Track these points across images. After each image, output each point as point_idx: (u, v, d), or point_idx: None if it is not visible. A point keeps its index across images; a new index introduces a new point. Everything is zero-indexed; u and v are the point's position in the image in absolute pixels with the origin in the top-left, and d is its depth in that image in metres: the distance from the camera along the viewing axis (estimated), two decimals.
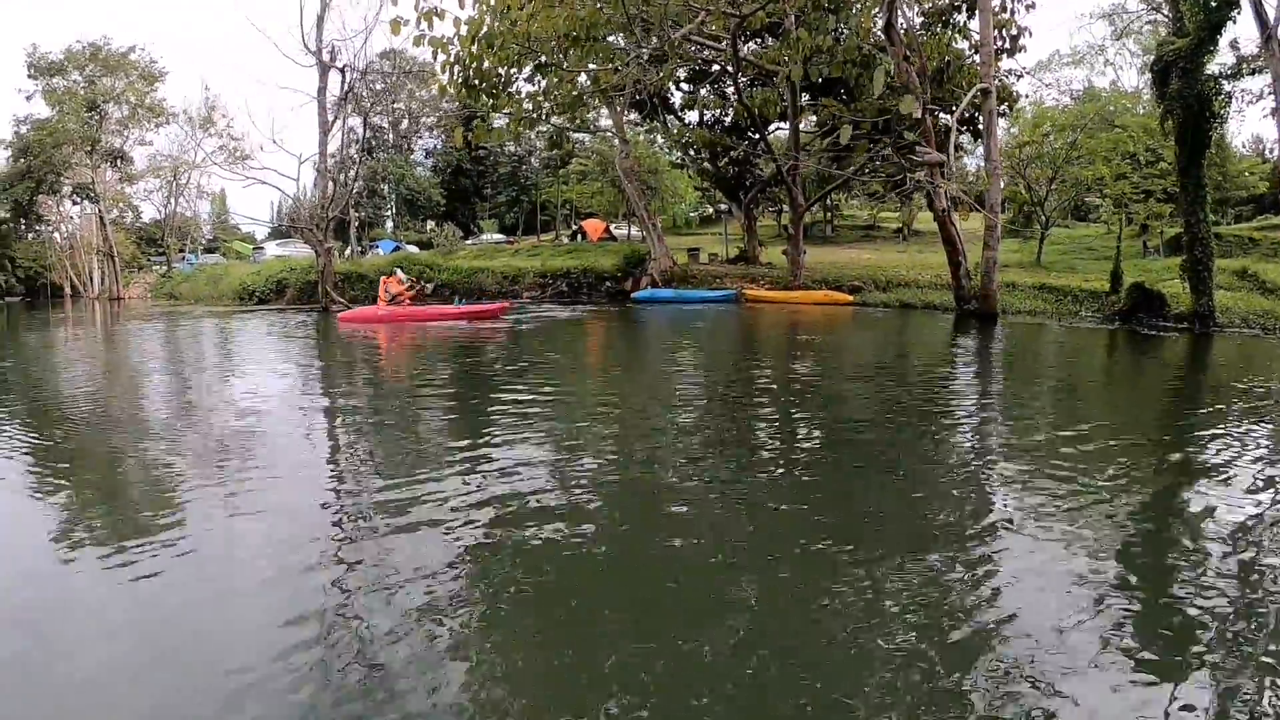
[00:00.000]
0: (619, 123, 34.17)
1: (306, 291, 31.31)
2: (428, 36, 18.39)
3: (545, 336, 18.50)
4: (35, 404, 11.49)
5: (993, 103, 22.37)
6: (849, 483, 6.39)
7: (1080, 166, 32.33)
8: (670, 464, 6.93)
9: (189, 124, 50.58)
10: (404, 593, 4.29)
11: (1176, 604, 4.15)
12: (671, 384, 12.15)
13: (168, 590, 4.44)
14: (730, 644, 3.70)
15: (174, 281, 49.65)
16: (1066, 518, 5.38)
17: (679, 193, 44.85)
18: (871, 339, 18.71)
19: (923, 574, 4.50)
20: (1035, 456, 6.97)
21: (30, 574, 4.80)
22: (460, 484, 6.24)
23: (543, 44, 18.45)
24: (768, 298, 27.49)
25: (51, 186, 56.12)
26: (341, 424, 9.39)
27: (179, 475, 6.86)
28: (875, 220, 55.58)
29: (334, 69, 27.15)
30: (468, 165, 63.67)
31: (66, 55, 54.22)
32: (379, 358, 15.64)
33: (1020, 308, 24.36)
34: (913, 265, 31.52)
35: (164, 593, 4.41)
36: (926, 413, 9.35)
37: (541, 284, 31.62)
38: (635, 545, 5.14)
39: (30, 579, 4.71)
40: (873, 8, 19.71)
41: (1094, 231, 41.97)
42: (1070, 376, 13.47)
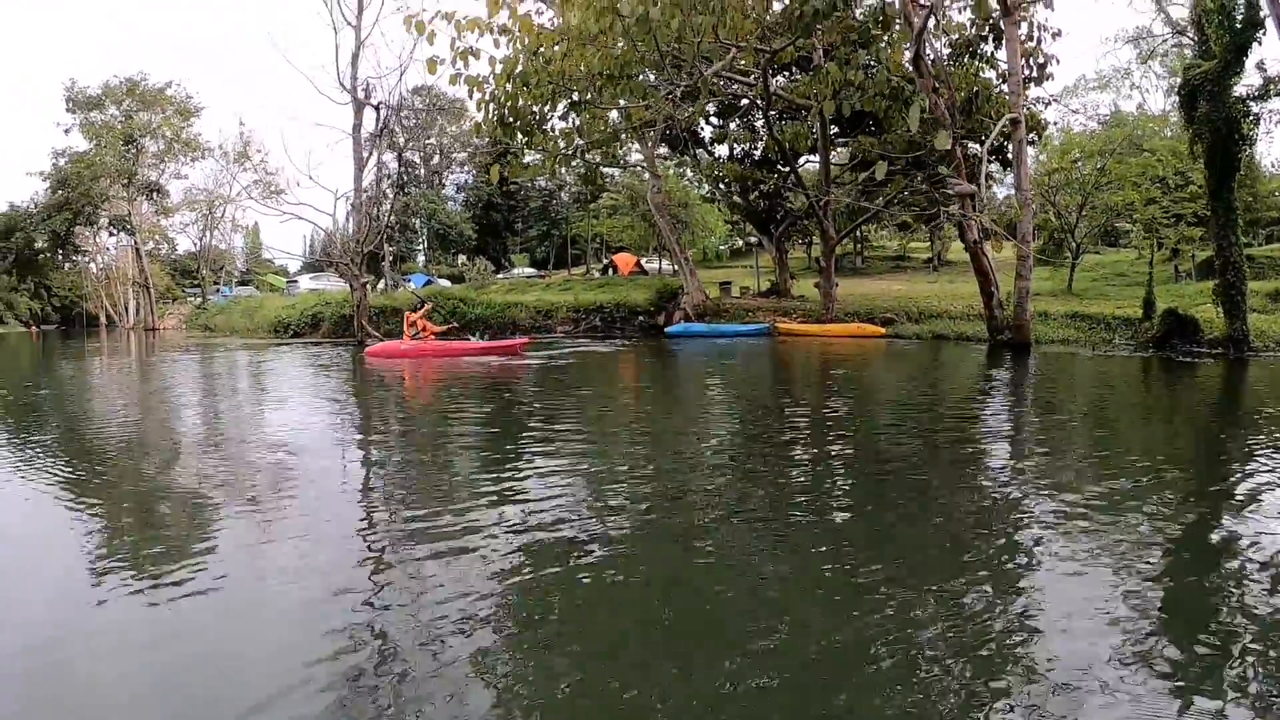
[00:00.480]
0: (650, 158, 34.40)
1: (341, 325, 31.66)
2: (463, 75, 18.76)
3: (580, 371, 18.53)
4: (72, 431, 11.68)
5: (1022, 132, 22.39)
6: (884, 518, 6.31)
7: (1110, 192, 32.24)
8: (704, 498, 6.91)
9: (224, 158, 51.52)
10: (433, 620, 4.30)
11: (1216, 639, 4.06)
12: (707, 419, 12.12)
13: (196, 615, 4.49)
14: (762, 677, 3.68)
15: (209, 313, 50.44)
16: (1105, 553, 5.29)
17: (709, 226, 45.00)
18: (905, 372, 18.59)
19: (958, 610, 4.43)
20: (1072, 490, 6.84)
21: (61, 597, 4.89)
22: (491, 515, 6.27)
23: (577, 82, 18.77)
24: (801, 331, 27.45)
25: (89, 218, 57.30)
26: (373, 455, 9.49)
27: (211, 503, 6.97)
28: (905, 251, 55.60)
29: (369, 106, 27.80)
30: (499, 200, 64.59)
31: (104, 90, 55.58)
32: (412, 392, 15.75)
33: (1053, 337, 24.23)
34: (944, 296, 31.43)
35: (192, 617, 4.46)
36: (961, 447, 9.25)
37: (575, 319, 31.66)
38: (667, 577, 5.11)
39: (60, 602, 4.80)
40: (903, 42, 19.87)
41: (1125, 257, 41.75)
42: (1105, 407, 13.28)
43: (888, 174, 17.48)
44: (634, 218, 44.11)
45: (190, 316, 55.64)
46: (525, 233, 68.54)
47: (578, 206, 56.62)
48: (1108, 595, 4.53)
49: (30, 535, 6.32)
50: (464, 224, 63.16)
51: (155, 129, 55.86)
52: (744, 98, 29.02)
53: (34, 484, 7.84)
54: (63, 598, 4.88)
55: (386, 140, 30.03)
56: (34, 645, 4.19)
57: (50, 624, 4.47)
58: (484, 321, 30.47)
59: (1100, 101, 50.14)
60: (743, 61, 21.97)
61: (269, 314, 38.55)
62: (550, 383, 16.35)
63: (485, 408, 13.09)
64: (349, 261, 28.03)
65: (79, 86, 55.35)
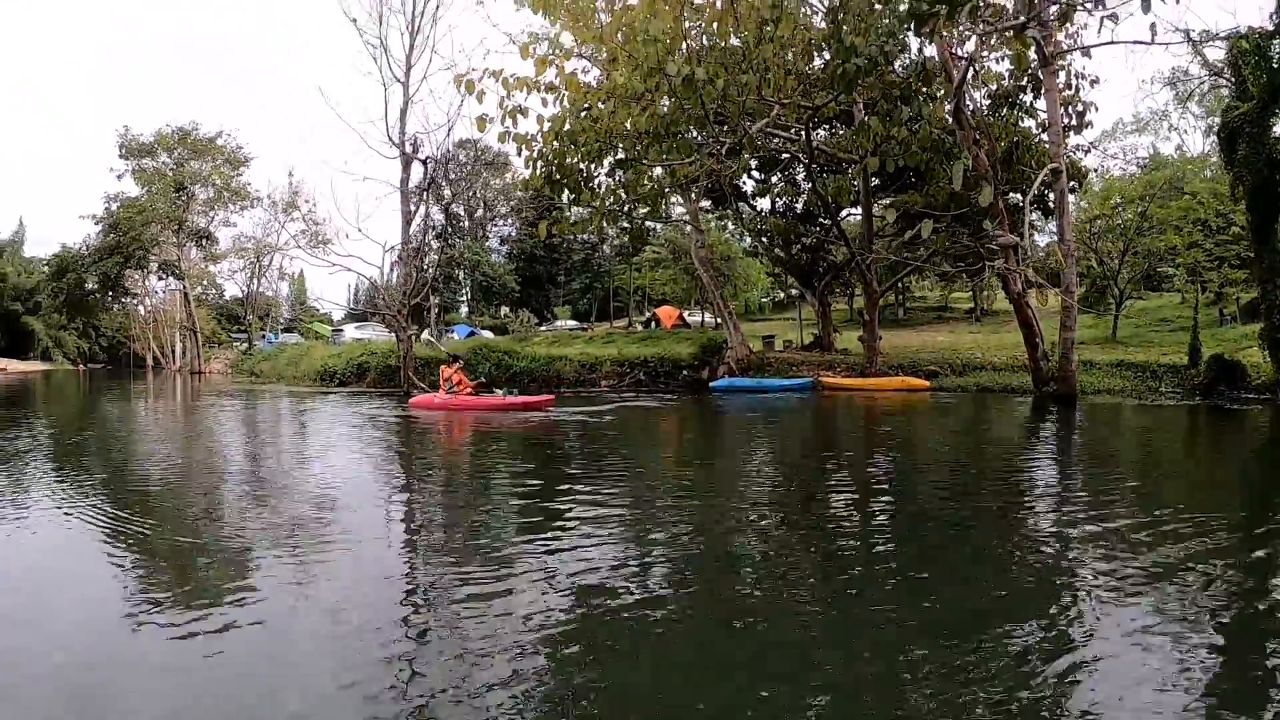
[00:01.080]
0: (694, 212, 34.63)
1: (387, 375, 31.96)
2: (512, 133, 19.18)
3: (624, 426, 18.55)
4: (121, 469, 12.11)
5: (1064, 182, 22.42)
6: (929, 572, 6.26)
7: (1152, 237, 32.06)
8: (749, 556, 6.90)
9: (272, 208, 52.81)
10: (467, 670, 4.32)
11: (1266, 698, 3.99)
12: (752, 476, 12.04)
13: (231, 650, 4.62)
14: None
15: (255, 359, 51.36)
16: (1155, 612, 5.22)
17: (751, 279, 45.12)
18: (951, 427, 18.42)
19: (1005, 667, 4.37)
20: (1125, 551, 6.72)
21: (99, 628, 5.07)
22: (530, 565, 6.32)
23: (623, 139, 19.13)
24: (845, 385, 27.31)
25: (139, 262, 58.74)
26: (414, 503, 9.64)
27: (253, 542, 7.17)
28: (947, 302, 55.53)
29: (416, 160, 28.52)
30: (542, 252, 65.48)
31: (156, 138, 57.38)
32: (455, 444, 15.86)
33: (1099, 387, 24.06)
34: (987, 346, 31.27)
35: (227, 652, 4.58)
36: (1011, 506, 9.13)
37: (619, 373, 31.57)
38: (711, 629, 5.08)
39: (98, 633, 4.98)
40: (946, 97, 20.07)
41: (1168, 302, 41.34)
42: (1156, 462, 13.11)
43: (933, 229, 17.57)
44: (677, 271, 44.53)
45: (236, 361, 56.77)
46: (568, 285, 69.44)
47: (620, 259, 57.25)
48: (1161, 660, 4.46)
49: (73, 569, 6.56)
50: (507, 276, 63.96)
51: (205, 177, 57.56)
52: (785, 152, 29.32)
53: (80, 519, 8.14)
54: (100, 629, 5.08)
55: (434, 194, 30.61)
56: (71, 672, 4.39)
57: (87, 654, 4.67)
58: (529, 374, 30.72)
59: (1139, 144, 50.01)
60: (784, 117, 22.28)
61: (315, 362, 39.09)
62: (595, 437, 16.39)
63: (530, 462, 13.12)
64: (395, 313, 28.47)
65: (132, 134, 57.47)
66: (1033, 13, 18.15)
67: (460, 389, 21.60)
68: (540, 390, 26.49)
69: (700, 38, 18.78)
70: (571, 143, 18.98)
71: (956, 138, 22.25)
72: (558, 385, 30.10)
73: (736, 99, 18.21)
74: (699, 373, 30.90)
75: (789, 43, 18.50)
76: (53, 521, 8.16)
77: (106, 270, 58.49)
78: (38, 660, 4.58)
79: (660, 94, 17.78)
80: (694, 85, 16.88)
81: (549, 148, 19.48)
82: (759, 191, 34.47)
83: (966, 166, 18.44)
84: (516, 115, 18.87)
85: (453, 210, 46.13)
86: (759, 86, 18.23)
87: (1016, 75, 23.94)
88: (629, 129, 18.97)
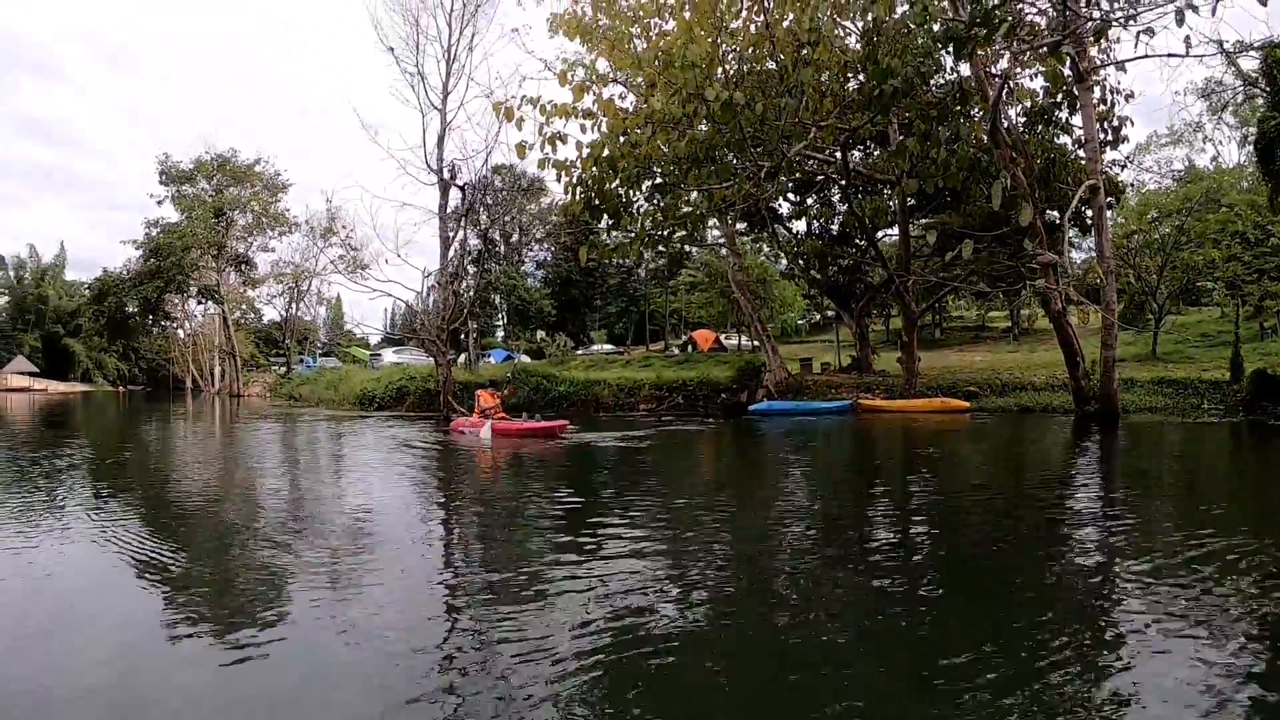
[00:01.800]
0: (730, 235, 34.69)
1: (426, 399, 32.17)
2: (551, 159, 19.46)
3: (665, 450, 18.55)
4: (164, 488, 12.42)
5: (1102, 199, 22.31)
6: (970, 601, 6.19)
7: (1190, 251, 31.72)
8: (787, 579, 6.89)
9: (310, 234, 53.47)
10: (504, 686, 4.38)
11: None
12: (794, 497, 12.01)
13: (267, 678, 4.65)
14: None
15: (294, 383, 51.95)
16: (1205, 640, 5.09)
17: (787, 301, 45.01)
18: (991, 448, 18.31)
19: (1045, 698, 4.29)
20: (1171, 578, 6.53)
21: (136, 641, 5.21)
22: (566, 588, 6.32)
23: (662, 164, 19.37)
24: (884, 407, 27.12)
25: (179, 286, 59.73)
26: (450, 525, 9.76)
27: (290, 560, 7.30)
28: (984, 320, 55.13)
29: (454, 186, 28.92)
30: (577, 276, 65.71)
31: (196, 165, 58.48)
32: (494, 467, 15.88)
33: (1140, 405, 23.81)
34: (1026, 365, 30.93)
35: (264, 679, 4.62)
36: (1052, 528, 9.04)
37: (658, 396, 31.53)
38: (746, 663, 4.99)
39: (136, 658, 5.03)
40: (984, 116, 20.06)
41: (1207, 316, 40.81)
42: (1200, 480, 13.01)
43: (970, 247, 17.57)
44: (713, 294, 44.58)
45: (275, 385, 57.50)
46: (604, 309, 69.71)
47: (655, 283, 57.39)
48: (1203, 689, 4.36)
49: (113, 587, 6.70)
50: (543, 300, 64.30)
51: (244, 203, 58.56)
52: (821, 174, 29.38)
53: (121, 538, 8.33)
54: (138, 649, 5.18)
55: (471, 219, 30.99)
56: (107, 691, 4.47)
57: (123, 673, 4.76)
58: (568, 398, 30.89)
59: (1173, 157, 49.45)
60: (821, 139, 22.37)
61: (354, 386, 39.45)
62: (635, 461, 16.43)
63: (570, 486, 13.13)
64: (435, 338, 28.72)
65: (172, 161, 58.68)
66: (1068, 30, 18.14)
67: (494, 413, 21.71)
68: (577, 415, 26.57)
69: (736, 62, 18.95)
70: (610, 168, 19.19)
71: (993, 156, 22.22)
72: (596, 409, 30.20)
73: (774, 122, 18.36)
74: (738, 396, 30.72)
75: (825, 65, 18.67)
76: (94, 539, 8.34)
77: (147, 294, 59.62)
78: (74, 678, 4.66)
79: (699, 119, 17.97)
80: (733, 109, 17.05)
81: (588, 173, 19.72)
82: (794, 214, 34.49)
83: (1006, 186, 18.43)
84: (555, 141, 19.17)
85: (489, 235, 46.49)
86: (797, 109, 18.37)
87: (1052, 92, 23.87)
88: (667, 154, 19.20)
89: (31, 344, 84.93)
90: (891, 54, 17.20)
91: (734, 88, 17.37)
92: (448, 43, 30.06)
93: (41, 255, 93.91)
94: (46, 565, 7.30)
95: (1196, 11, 14.86)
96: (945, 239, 27.62)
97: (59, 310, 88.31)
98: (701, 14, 18.17)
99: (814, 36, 17.49)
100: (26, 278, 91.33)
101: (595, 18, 21.62)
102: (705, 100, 16.98)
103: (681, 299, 52.86)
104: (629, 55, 20.68)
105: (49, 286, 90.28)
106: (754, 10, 18.90)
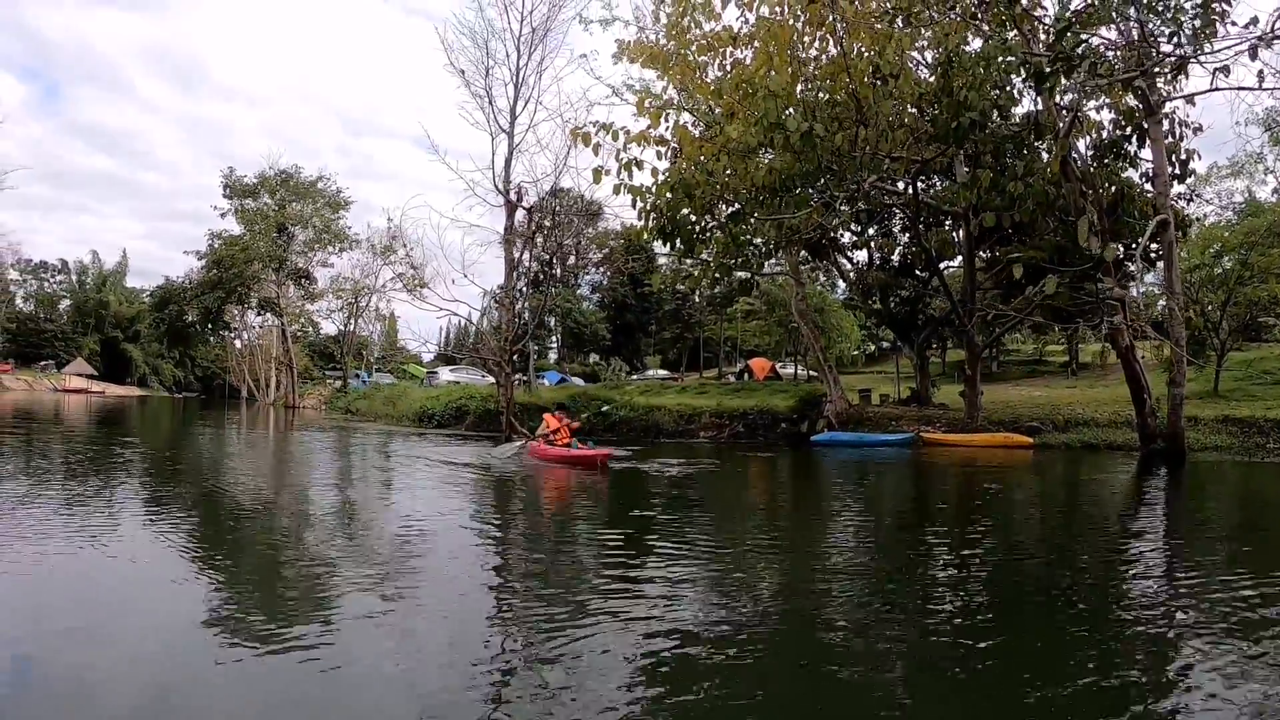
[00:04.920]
0: (794, 265, 34.70)
1: (485, 419, 32.32)
2: (626, 185, 19.82)
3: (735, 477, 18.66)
4: (221, 495, 12.66)
5: (1172, 234, 22.23)
6: (1027, 647, 5.97)
7: (1254, 287, 31.35)
8: (842, 617, 6.78)
9: (370, 250, 54.38)
10: (544, 704, 4.37)
11: None
12: (859, 529, 11.94)
13: (308, 686, 4.65)
14: None
15: (350, 397, 52.53)
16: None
17: (844, 331, 44.86)
18: (1057, 485, 18.16)
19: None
20: (1242, 634, 6.15)
21: (177, 655, 5.18)
22: (611, 612, 6.25)
23: (740, 194, 19.64)
24: (947, 440, 26.91)
25: (240, 298, 61.05)
26: (502, 545, 9.78)
27: (335, 572, 7.36)
28: (1041, 354, 54.61)
29: (521, 208, 29.51)
30: (632, 301, 66.16)
31: (260, 180, 59.80)
32: (550, 488, 15.74)
33: (1204, 444, 23.54)
34: (1087, 401, 30.51)
35: (305, 688, 4.63)
36: (1121, 573, 8.77)
37: (718, 424, 31.38)
38: (791, 695, 4.90)
39: (176, 661, 5.08)
40: (1062, 150, 20.06)
41: (1268, 353, 40.16)
42: (1273, 524, 12.94)
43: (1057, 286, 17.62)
44: (769, 323, 44.62)
45: (330, 398, 58.34)
46: (658, 334, 69.82)
47: (711, 310, 57.19)
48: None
49: (156, 589, 6.80)
50: (598, 324, 64.67)
51: (307, 219, 59.79)
52: (891, 206, 29.48)
53: (169, 540, 8.57)
54: (178, 651, 5.25)
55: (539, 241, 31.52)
56: (146, 692, 4.54)
57: (163, 675, 4.83)
58: (627, 423, 30.94)
59: (1234, 189, 48.83)
60: (893, 170, 22.53)
61: (412, 402, 39.79)
62: (707, 487, 16.50)
63: (637, 509, 13.11)
64: (499, 359, 29.12)
65: (236, 175, 60.21)
66: (1145, 66, 18.23)
67: (559, 439, 19.66)
68: (638, 440, 26.49)
69: (815, 92, 19.24)
70: (686, 195, 19.53)
71: (1062, 190, 22.27)
72: (657, 435, 30.23)
73: (849, 153, 18.60)
74: (798, 425, 30.51)
75: (904, 97, 18.93)
76: (141, 541, 8.52)
77: (208, 304, 60.98)
78: (114, 679, 4.71)
79: (777, 148, 18.25)
80: (813, 140, 17.31)
81: (662, 200, 20.06)
82: (855, 244, 34.57)
83: (1092, 222, 18.48)
84: (632, 167, 19.48)
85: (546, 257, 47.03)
86: (876, 141, 18.62)
87: (1122, 125, 23.86)
88: (743, 183, 19.49)
89: (91, 347, 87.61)
90: (968, 86, 17.43)
91: (813, 118, 17.65)
92: (515, 66, 30.88)
93: (104, 261, 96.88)
94: (97, 561, 7.47)
95: (1270, 47, 14.99)
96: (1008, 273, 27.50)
97: (119, 316, 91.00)
98: (781, 44, 18.50)
99: (895, 69, 17.79)
100: (89, 283, 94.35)
101: (666, 45, 22.05)
102: (785, 130, 17.26)
103: (737, 326, 52.97)
104: (703, 83, 21.09)
105: (110, 292, 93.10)
106: (828, 41, 19.24)
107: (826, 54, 19.60)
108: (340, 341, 66.94)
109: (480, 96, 30.71)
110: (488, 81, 30.80)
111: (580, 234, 57.84)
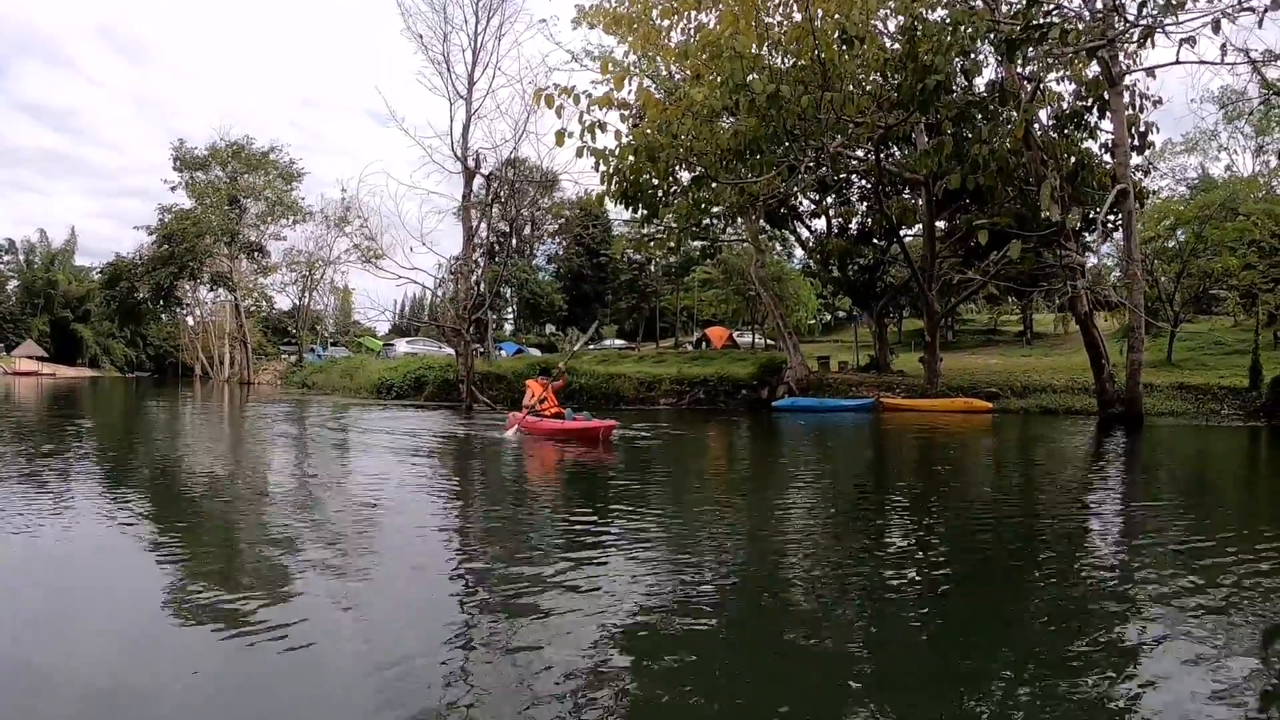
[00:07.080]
0: (754, 232, 34.50)
1: (444, 389, 31.96)
2: (589, 148, 19.49)
3: (697, 442, 18.57)
4: (166, 477, 11.96)
5: (1131, 203, 22.47)
6: (987, 604, 5.87)
7: (1207, 259, 31.99)
8: (804, 572, 6.69)
9: (325, 222, 53.09)
10: (512, 684, 4.20)
11: None
12: (824, 487, 11.88)
13: (269, 669, 4.40)
14: None
15: (307, 371, 51.85)
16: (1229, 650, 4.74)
17: (801, 300, 45.00)
18: (1017, 448, 18.33)
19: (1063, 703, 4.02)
20: (1207, 585, 6.09)
21: (130, 642, 4.90)
22: (580, 585, 5.97)
23: (704, 157, 19.43)
24: (906, 406, 27.19)
25: (192, 273, 59.71)
26: (465, 516, 9.45)
27: (297, 548, 7.04)
28: (996, 324, 55.37)
29: (479, 174, 29.00)
30: (588, 271, 65.88)
31: (211, 152, 58.40)
32: (518, 461, 14.98)
33: (1160, 409, 24.07)
34: (1042, 369, 31.18)
35: (265, 671, 4.39)
36: (1087, 530, 8.77)
37: (679, 391, 31.49)
38: (754, 664, 4.69)
39: (130, 647, 4.81)
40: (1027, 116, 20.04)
41: (1218, 325, 41.13)
42: (1234, 482, 13.17)
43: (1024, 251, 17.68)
44: (727, 291, 44.65)
45: (286, 373, 57.36)
46: (615, 304, 69.61)
47: (667, 279, 57.17)
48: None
49: (109, 574, 6.44)
50: (554, 294, 64.15)
51: (259, 191, 58.49)
52: (853, 171, 29.48)
53: (121, 523, 8.12)
54: (132, 637, 4.96)
55: (496, 209, 31.05)
56: (98, 680, 4.27)
57: (115, 662, 4.55)
58: (589, 391, 30.71)
59: (1187, 164, 49.74)
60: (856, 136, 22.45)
61: (370, 375, 39.32)
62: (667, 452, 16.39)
63: (600, 478, 12.75)
64: (459, 328, 28.70)
65: (187, 146, 58.64)
66: (1112, 34, 18.29)
67: (545, 409, 17.53)
68: (599, 407, 26.26)
69: (781, 55, 19.04)
70: (649, 159, 19.28)
71: (1023, 158, 22.38)
72: (618, 402, 30.12)
73: (815, 115, 18.45)
74: (758, 392, 30.76)
75: (869, 62, 18.81)
76: (93, 524, 8.06)
77: (159, 280, 59.54)
78: (63, 668, 4.43)
79: (742, 111, 18.06)
80: (779, 102, 17.14)
81: (625, 163, 19.80)
82: (815, 213, 34.57)
83: (1055, 188, 18.53)
84: (595, 130, 19.16)
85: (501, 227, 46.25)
86: (843, 104, 18.47)
87: (1084, 96, 24.01)
88: (708, 146, 19.29)
89: (40, 328, 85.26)
90: (933, 51, 17.34)
91: (782, 81, 17.46)
92: (474, 31, 30.18)
93: (52, 240, 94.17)
94: (40, 547, 7.09)
95: (1233, 21, 15.09)
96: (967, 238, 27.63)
97: (68, 295, 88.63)
98: (747, 6, 18.26)
99: (861, 33, 17.63)
100: (36, 262, 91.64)
101: (629, 8, 21.69)
102: (752, 92, 17.05)
103: (694, 296, 52.96)
104: (666, 47, 20.78)
105: (58, 271, 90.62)
106: (793, 5, 19.04)
107: (791, 19, 19.40)
108: (295, 316, 65.78)
109: (438, 62, 29.96)
110: (445, 47, 30.03)
111: (536, 204, 57.15)
